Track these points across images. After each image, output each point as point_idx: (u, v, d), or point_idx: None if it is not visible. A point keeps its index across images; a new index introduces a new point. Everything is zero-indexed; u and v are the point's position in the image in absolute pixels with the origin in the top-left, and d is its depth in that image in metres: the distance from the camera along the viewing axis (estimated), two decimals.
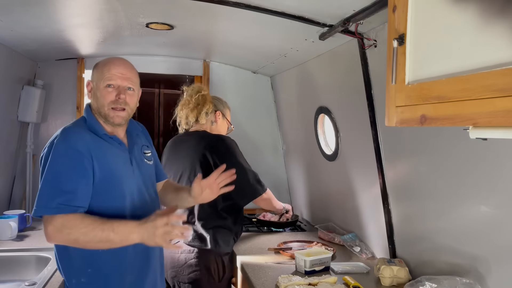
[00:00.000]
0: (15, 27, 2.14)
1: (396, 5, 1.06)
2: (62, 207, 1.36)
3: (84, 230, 1.35)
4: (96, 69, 1.56)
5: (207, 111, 2.25)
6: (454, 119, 0.87)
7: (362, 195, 2.21)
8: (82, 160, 1.41)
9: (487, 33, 0.80)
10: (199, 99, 2.25)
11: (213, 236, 2.04)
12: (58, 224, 1.35)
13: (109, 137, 1.53)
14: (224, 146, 2.13)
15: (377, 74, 1.85)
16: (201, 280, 2.01)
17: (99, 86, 1.52)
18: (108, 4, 1.88)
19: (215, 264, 2.04)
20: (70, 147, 1.41)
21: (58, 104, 3.06)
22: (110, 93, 1.51)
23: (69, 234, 1.36)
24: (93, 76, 1.56)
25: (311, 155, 2.82)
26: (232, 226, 2.14)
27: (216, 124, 2.32)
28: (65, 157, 1.41)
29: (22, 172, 2.95)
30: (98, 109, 1.54)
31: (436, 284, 1.40)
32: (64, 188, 1.38)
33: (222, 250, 2.06)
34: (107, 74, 1.51)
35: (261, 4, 1.76)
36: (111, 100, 1.51)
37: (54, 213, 1.36)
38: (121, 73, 1.53)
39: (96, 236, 1.36)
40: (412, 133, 1.69)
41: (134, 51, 3.01)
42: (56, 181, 1.39)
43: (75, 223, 1.36)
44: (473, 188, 1.41)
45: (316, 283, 1.69)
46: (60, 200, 1.36)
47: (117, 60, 1.57)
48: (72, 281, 1.49)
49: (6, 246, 2.07)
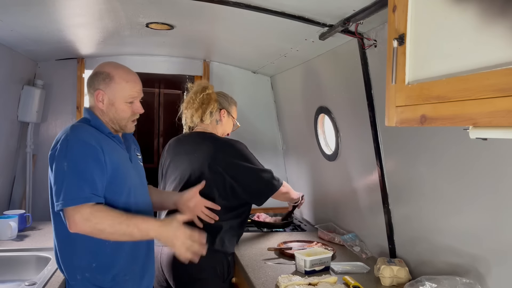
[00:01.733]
0: (15, 27, 2.14)
1: (396, 5, 1.06)
2: (91, 196, 1.42)
3: (111, 222, 1.41)
4: (114, 82, 1.57)
5: (211, 111, 2.22)
6: (454, 119, 0.87)
7: (362, 195, 2.21)
8: (98, 154, 1.47)
9: (487, 33, 0.80)
10: (203, 98, 2.21)
11: (221, 237, 2.03)
12: (86, 213, 1.39)
13: (113, 135, 1.61)
14: (233, 151, 2.11)
15: (377, 74, 1.85)
16: (206, 280, 2.00)
17: (120, 101, 1.58)
18: (108, 4, 1.88)
19: (221, 264, 2.03)
20: (85, 142, 1.47)
21: (58, 104, 3.06)
22: (130, 107, 1.60)
23: (96, 224, 1.40)
24: (110, 88, 1.57)
25: (311, 155, 2.82)
26: (238, 227, 2.14)
27: (221, 122, 2.28)
28: (84, 151, 1.46)
29: (22, 172, 2.95)
30: (114, 120, 1.60)
31: (436, 284, 1.40)
32: (90, 179, 1.44)
33: (228, 250, 2.06)
34: (130, 92, 1.58)
35: (261, 4, 1.76)
36: (132, 114, 1.61)
37: (84, 202, 1.40)
38: (140, 90, 1.63)
39: (122, 229, 1.43)
40: (412, 133, 1.69)
41: (134, 51, 3.01)
42: (82, 173, 1.43)
43: (104, 214, 1.42)
44: (473, 188, 1.41)
45: (316, 283, 1.69)
46: (89, 190, 1.42)
47: (133, 76, 1.63)
48: (77, 278, 1.51)
49: (6, 246, 2.07)
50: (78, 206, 1.39)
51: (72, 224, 1.40)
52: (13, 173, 2.89)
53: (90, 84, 1.60)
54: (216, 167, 2.06)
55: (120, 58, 3.04)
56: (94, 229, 1.42)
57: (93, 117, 1.59)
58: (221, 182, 2.06)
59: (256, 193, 2.13)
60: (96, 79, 1.58)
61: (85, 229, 1.41)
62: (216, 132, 2.26)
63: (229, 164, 2.07)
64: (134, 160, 1.69)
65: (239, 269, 2.07)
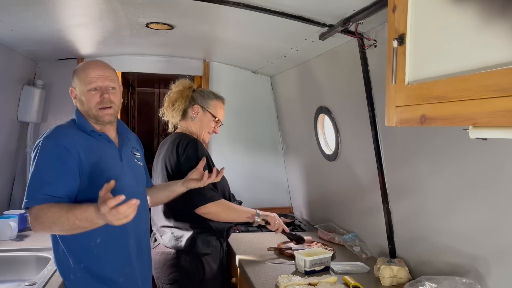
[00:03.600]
0: (15, 27, 2.14)
1: (396, 5, 1.06)
2: (46, 198, 1.40)
3: (52, 218, 1.36)
4: (76, 76, 1.60)
5: (182, 107, 2.14)
6: (454, 119, 0.87)
7: (362, 195, 2.21)
8: (66, 154, 1.46)
9: (487, 33, 0.80)
10: (173, 96, 2.16)
11: (192, 238, 1.98)
12: (34, 214, 1.39)
13: (98, 134, 1.60)
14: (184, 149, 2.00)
15: (377, 74, 1.85)
16: (180, 281, 1.98)
17: (83, 91, 1.58)
18: (108, 4, 1.88)
19: (193, 264, 1.98)
20: (55, 142, 1.48)
21: (58, 104, 3.06)
22: (94, 95, 1.58)
23: (42, 223, 1.38)
24: (75, 83, 1.61)
25: (311, 155, 2.82)
26: (213, 227, 2.04)
27: (195, 119, 2.14)
28: (50, 152, 1.46)
29: (22, 172, 2.94)
30: (87, 112, 1.60)
31: (436, 284, 1.40)
32: (47, 179, 1.43)
33: (199, 250, 1.98)
34: (87, 79, 1.57)
35: (261, 4, 1.76)
36: (96, 102, 1.58)
37: (38, 203, 1.39)
38: (100, 74, 1.59)
39: (64, 223, 1.35)
40: (412, 133, 1.69)
41: (134, 51, 3.01)
42: (40, 173, 1.44)
43: (44, 212, 1.37)
44: (473, 188, 1.41)
45: (316, 283, 1.69)
46: (44, 191, 1.40)
47: (93, 63, 1.63)
48: (70, 278, 1.52)
49: (6, 246, 2.07)
50: (33, 207, 1.40)
51: (30, 225, 1.42)
52: (13, 173, 2.89)
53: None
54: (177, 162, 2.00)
55: (120, 58, 3.05)
56: (45, 229, 1.41)
57: (78, 115, 1.61)
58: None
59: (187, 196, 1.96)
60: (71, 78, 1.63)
61: (38, 230, 1.41)
62: (191, 130, 2.15)
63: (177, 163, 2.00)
64: (127, 159, 1.66)
65: (239, 269, 2.07)
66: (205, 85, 3.26)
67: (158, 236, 2.08)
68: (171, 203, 1.99)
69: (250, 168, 3.36)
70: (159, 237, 2.07)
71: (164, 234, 2.05)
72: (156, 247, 2.06)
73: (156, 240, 2.09)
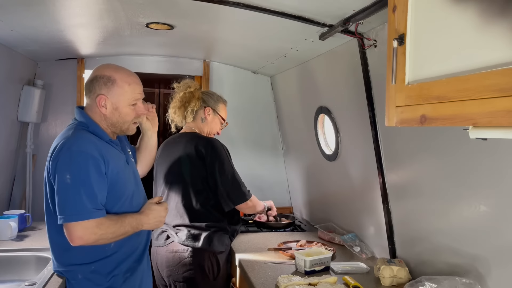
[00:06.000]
0: (15, 27, 2.14)
1: (396, 5, 1.06)
2: (93, 212, 1.43)
3: (112, 229, 1.47)
4: (116, 86, 1.55)
5: (193, 109, 2.20)
6: (454, 119, 0.87)
7: (362, 195, 2.21)
8: (100, 165, 1.47)
9: (487, 33, 0.80)
10: (185, 96, 2.20)
11: (208, 236, 2.03)
12: (90, 226, 1.42)
13: (112, 141, 1.60)
14: (211, 149, 2.08)
15: (377, 74, 1.85)
16: (195, 278, 2.01)
17: (124, 105, 1.57)
18: (108, 4, 1.88)
19: (209, 262, 2.03)
20: (88, 153, 1.45)
21: (58, 104, 3.06)
22: (134, 110, 1.60)
23: (102, 235, 1.45)
24: (112, 93, 1.54)
25: (311, 155, 2.82)
26: (228, 226, 2.13)
27: (207, 121, 2.24)
28: (87, 163, 1.44)
29: (22, 172, 2.95)
30: (118, 124, 1.59)
31: (436, 284, 1.40)
32: (92, 193, 1.44)
33: (216, 249, 2.04)
34: (134, 94, 1.58)
35: (261, 4, 1.76)
36: (134, 116, 1.61)
37: (87, 218, 1.41)
38: (141, 91, 1.63)
39: (119, 232, 1.49)
40: (412, 133, 1.69)
41: (134, 51, 3.01)
42: (85, 187, 1.43)
43: (105, 224, 1.45)
44: (473, 188, 1.41)
45: (316, 283, 1.69)
46: (91, 205, 1.43)
47: (134, 77, 1.62)
48: (78, 277, 1.53)
49: (6, 246, 2.07)
50: (81, 221, 1.41)
51: (75, 238, 1.42)
52: (13, 173, 2.90)
53: (90, 88, 1.56)
54: (198, 162, 2.06)
55: (120, 58, 3.05)
56: (99, 240, 1.45)
57: (90, 122, 1.56)
58: (203, 179, 2.08)
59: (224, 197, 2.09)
60: (97, 83, 1.54)
61: (91, 241, 1.44)
62: (201, 131, 2.24)
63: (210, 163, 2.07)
64: (129, 159, 1.69)
65: (239, 269, 2.07)
66: (205, 85, 3.26)
67: (172, 233, 2.08)
68: (186, 202, 2.07)
69: (250, 168, 3.35)
70: (174, 235, 2.07)
71: (179, 232, 2.07)
72: (168, 245, 2.06)
73: (168, 238, 2.09)
